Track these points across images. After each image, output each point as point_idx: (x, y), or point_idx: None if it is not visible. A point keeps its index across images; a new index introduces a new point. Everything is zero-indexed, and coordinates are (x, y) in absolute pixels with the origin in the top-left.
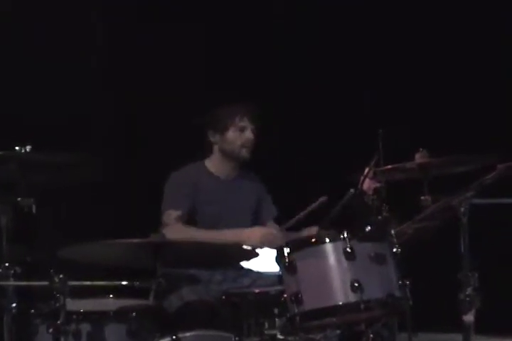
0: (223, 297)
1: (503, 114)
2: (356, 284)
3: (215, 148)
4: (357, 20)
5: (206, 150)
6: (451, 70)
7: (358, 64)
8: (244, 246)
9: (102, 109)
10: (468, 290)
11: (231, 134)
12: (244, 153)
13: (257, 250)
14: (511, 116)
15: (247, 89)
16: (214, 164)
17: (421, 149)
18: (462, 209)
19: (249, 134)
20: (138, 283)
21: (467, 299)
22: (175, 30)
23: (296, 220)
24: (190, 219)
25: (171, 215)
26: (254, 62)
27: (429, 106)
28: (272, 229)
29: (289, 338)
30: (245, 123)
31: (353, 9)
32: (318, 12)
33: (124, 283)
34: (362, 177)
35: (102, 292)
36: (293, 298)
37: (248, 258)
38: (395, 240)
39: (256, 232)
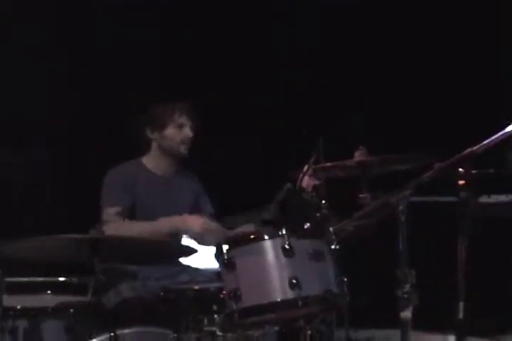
0: (162, 293)
1: (441, 115)
2: (294, 281)
3: (154, 145)
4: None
5: (143, 148)
6: (390, 69)
7: (298, 64)
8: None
9: (35, 107)
10: (406, 287)
11: (170, 131)
12: (183, 149)
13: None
14: (449, 116)
15: (184, 86)
16: (152, 161)
17: (360, 147)
18: (400, 207)
19: (187, 131)
20: (76, 279)
21: (405, 296)
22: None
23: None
24: (130, 216)
25: (109, 212)
26: (193, 61)
27: (370, 104)
28: (211, 221)
29: (228, 335)
30: (184, 120)
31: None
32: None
33: (61, 279)
34: (301, 175)
35: (39, 288)
36: (232, 295)
37: (187, 255)
38: (334, 237)
39: (197, 219)
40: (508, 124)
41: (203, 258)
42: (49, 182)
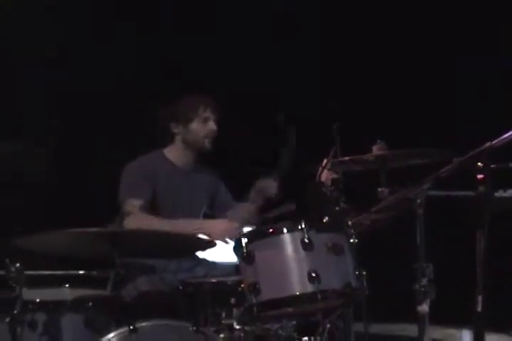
0: (180, 286)
1: (460, 109)
2: (313, 274)
3: (178, 138)
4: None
5: (165, 141)
6: (409, 63)
7: (314, 57)
8: (201, 236)
9: (48, 98)
10: (423, 281)
11: (195, 125)
12: (207, 143)
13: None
14: (468, 110)
15: (197, 80)
16: (174, 153)
17: (378, 141)
18: (418, 201)
19: (212, 125)
20: (96, 272)
21: (422, 290)
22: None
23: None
24: (150, 206)
25: (133, 204)
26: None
27: (389, 98)
28: (235, 224)
29: (246, 328)
30: (208, 114)
31: None
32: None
33: (80, 272)
34: (320, 169)
35: (58, 281)
36: (251, 288)
37: (204, 249)
38: (352, 231)
39: (219, 225)
40: None
41: (220, 251)
42: (66, 175)
